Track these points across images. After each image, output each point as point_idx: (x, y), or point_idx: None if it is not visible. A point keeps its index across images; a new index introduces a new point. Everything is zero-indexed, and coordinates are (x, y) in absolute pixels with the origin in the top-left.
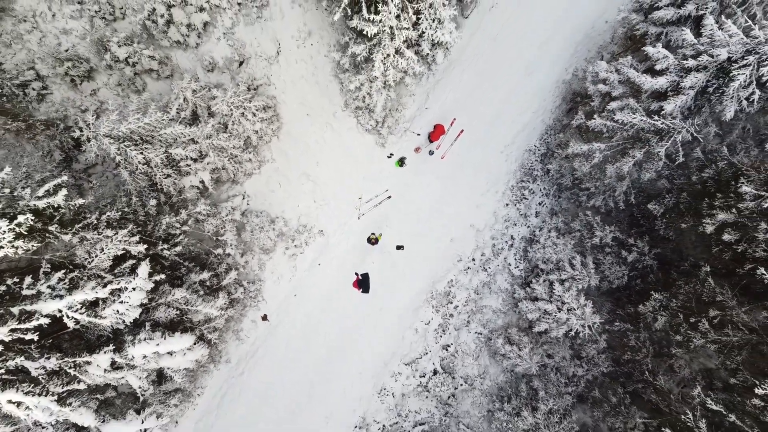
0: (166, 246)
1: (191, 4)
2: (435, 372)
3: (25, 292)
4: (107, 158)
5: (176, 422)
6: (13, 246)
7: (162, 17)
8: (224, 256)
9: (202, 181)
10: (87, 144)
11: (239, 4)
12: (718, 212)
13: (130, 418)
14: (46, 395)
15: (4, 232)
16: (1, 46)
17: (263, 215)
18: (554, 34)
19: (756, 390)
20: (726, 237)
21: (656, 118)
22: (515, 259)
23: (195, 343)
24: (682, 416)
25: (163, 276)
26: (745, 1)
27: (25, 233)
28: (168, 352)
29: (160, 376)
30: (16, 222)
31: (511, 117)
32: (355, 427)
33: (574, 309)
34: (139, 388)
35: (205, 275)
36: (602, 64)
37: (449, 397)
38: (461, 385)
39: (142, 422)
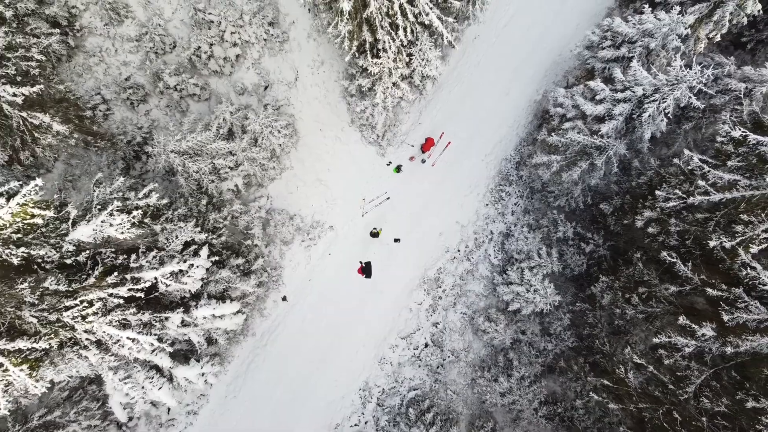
0: (214, 236)
1: (227, 41)
2: (426, 345)
3: (132, 264)
4: (158, 166)
5: (211, 385)
6: (129, 232)
7: (205, 53)
8: (252, 246)
9: (236, 185)
10: (158, 157)
11: (265, 39)
12: (645, 210)
13: (192, 364)
14: (150, 335)
15: (125, 222)
16: (74, 76)
17: (284, 213)
18: (528, 60)
19: (654, 340)
20: (650, 230)
21: (596, 137)
22: (494, 251)
23: (237, 312)
24: (616, 370)
25: (216, 258)
26: (665, 45)
27: (136, 223)
28: (220, 316)
29: (208, 340)
30: (131, 215)
31: (491, 131)
32: (359, 389)
33: (539, 290)
34: (198, 343)
35: (240, 261)
36: (561, 90)
37: (438, 366)
38: (449, 357)
39: (202, 367)
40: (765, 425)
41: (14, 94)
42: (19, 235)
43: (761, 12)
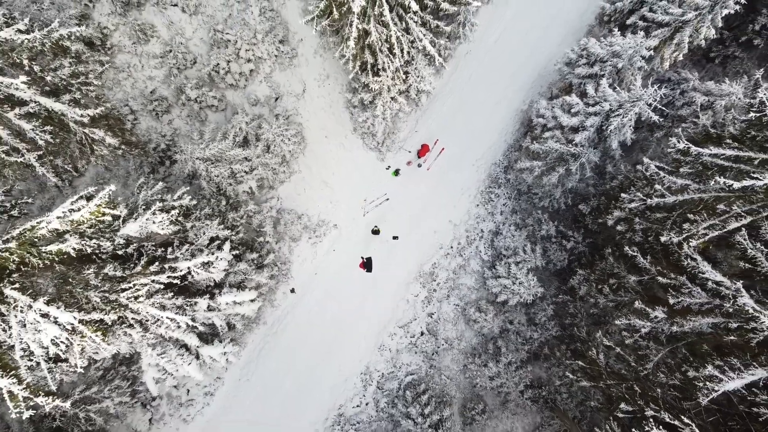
0: (232, 233)
1: (242, 57)
2: (422, 333)
3: (169, 256)
4: (184, 171)
5: (226, 368)
6: (167, 228)
7: (223, 69)
8: (265, 242)
9: (250, 188)
10: (184, 164)
11: (276, 55)
12: (615, 210)
13: (216, 344)
14: (185, 315)
15: (165, 220)
16: (105, 90)
17: (292, 213)
18: (516, 73)
19: (617, 322)
20: (619, 228)
21: (571, 145)
22: (484, 247)
23: (254, 299)
24: (588, 353)
25: (235, 252)
26: (632, 65)
27: (173, 221)
28: (240, 302)
29: (228, 325)
30: (170, 214)
31: (481, 138)
32: (361, 373)
33: (524, 283)
34: (220, 326)
35: (254, 255)
36: (543, 102)
37: (433, 353)
38: (443, 344)
39: (224, 347)
40: (699, 389)
41: (81, 115)
42: (91, 230)
43: (715, 35)
